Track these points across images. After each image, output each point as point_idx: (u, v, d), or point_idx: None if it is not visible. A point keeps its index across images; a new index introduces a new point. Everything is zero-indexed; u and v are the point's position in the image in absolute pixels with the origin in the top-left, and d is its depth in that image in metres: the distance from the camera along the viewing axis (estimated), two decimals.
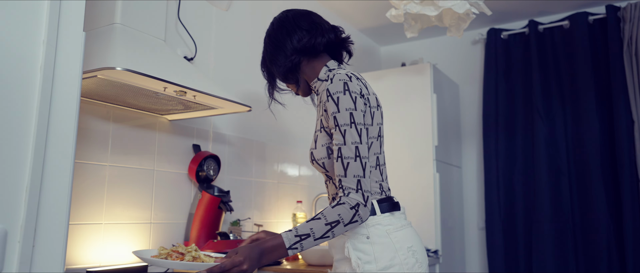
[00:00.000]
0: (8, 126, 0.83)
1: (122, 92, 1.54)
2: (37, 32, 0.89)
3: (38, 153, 0.86)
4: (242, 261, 1.06)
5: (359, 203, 1.10)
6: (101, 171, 1.65)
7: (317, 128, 1.24)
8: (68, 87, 0.93)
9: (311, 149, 1.26)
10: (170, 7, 1.93)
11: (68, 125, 0.93)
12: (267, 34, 1.34)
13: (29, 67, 0.87)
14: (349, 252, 1.17)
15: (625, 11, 2.79)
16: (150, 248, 1.80)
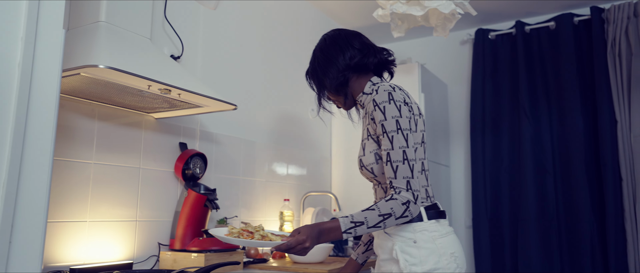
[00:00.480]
0: None
1: (107, 90, 1.54)
2: (15, 29, 0.90)
3: (15, 150, 0.87)
4: (304, 239, 1.17)
5: (410, 200, 1.21)
6: (86, 169, 1.65)
7: (364, 137, 1.37)
8: (47, 84, 0.94)
9: (360, 157, 1.37)
10: (156, 6, 1.93)
11: (47, 122, 0.94)
12: (318, 48, 1.47)
13: (7, 64, 0.88)
14: (397, 254, 1.27)
15: (609, 13, 2.83)
16: (136, 246, 1.81)
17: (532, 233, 2.86)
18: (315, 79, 1.46)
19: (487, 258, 3.00)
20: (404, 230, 1.28)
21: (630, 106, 2.73)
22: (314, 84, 1.47)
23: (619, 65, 2.78)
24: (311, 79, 1.48)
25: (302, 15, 2.94)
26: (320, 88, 1.45)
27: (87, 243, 1.63)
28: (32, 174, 0.90)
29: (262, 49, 2.57)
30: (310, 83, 1.50)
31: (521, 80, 3.04)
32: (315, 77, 1.46)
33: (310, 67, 1.48)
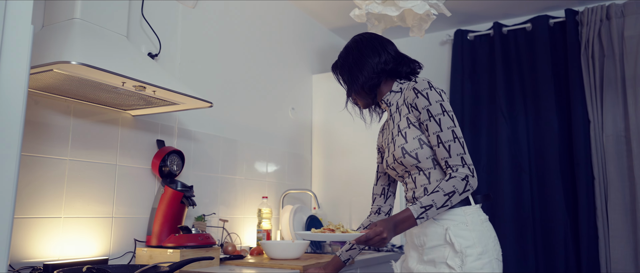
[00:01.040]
0: None
1: (82, 87, 1.55)
2: None
3: None
4: (381, 230, 1.27)
5: (467, 175, 1.32)
6: (61, 166, 1.66)
7: (404, 126, 1.44)
8: (15, 79, 0.95)
9: (401, 145, 1.43)
10: (133, 4, 1.94)
11: (14, 118, 0.95)
12: (354, 46, 1.56)
13: None
14: (450, 237, 1.34)
15: (583, 15, 2.89)
16: (111, 242, 1.82)
17: (507, 230, 2.92)
18: (347, 74, 1.55)
19: None
20: (454, 214, 1.36)
21: (603, 106, 2.80)
22: (344, 78, 1.57)
23: (592, 66, 2.84)
24: (341, 73, 1.58)
25: (283, 14, 2.96)
26: (351, 83, 1.53)
27: (61, 240, 1.64)
28: None
29: (242, 48, 2.59)
30: (338, 77, 1.60)
31: (498, 80, 3.09)
32: (348, 72, 1.54)
33: (342, 62, 1.57)
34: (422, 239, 1.42)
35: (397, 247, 2.70)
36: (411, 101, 1.42)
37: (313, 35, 3.25)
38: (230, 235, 2.31)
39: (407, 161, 1.43)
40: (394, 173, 1.53)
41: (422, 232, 1.42)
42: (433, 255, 1.39)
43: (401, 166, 1.46)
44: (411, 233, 1.48)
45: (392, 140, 1.49)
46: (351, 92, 1.55)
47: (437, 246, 1.38)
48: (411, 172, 1.46)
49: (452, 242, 1.34)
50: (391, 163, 1.49)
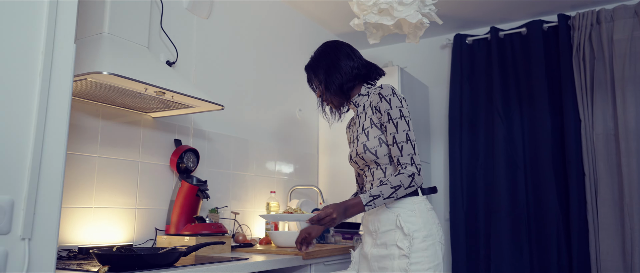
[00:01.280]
0: (14, 119, 1.07)
1: (110, 93, 1.77)
2: (36, 45, 1.13)
3: (38, 141, 1.10)
4: (332, 212, 1.48)
5: (414, 173, 1.51)
6: (91, 162, 1.89)
7: (367, 126, 1.63)
8: (61, 89, 1.17)
9: (363, 142, 1.62)
10: (153, 17, 2.16)
11: (61, 120, 1.17)
12: (326, 51, 1.75)
13: (30, 73, 1.11)
14: (400, 223, 1.53)
15: (575, 20, 3.04)
16: (135, 230, 2.04)
17: (503, 224, 3.08)
18: (324, 75, 1.70)
19: (463, 247, 3.22)
20: (405, 203, 1.56)
21: (593, 106, 2.95)
22: (319, 78, 1.72)
23: (583, 68, 2.99)
24: (316, 74, 1.74)
25: (290, 21, 3.17)
26: (329, 84, 1.69)
27: (92, 227, 1.87)
28: (51, 161, 1.13)
29: (252, 54, 2.80)
30: (311, 76, 1.76)
31: (495, 82, 3.26)
32: (325, 74, 1.70)
33: (317, 63, 1.74)
34: (376, 225, 1.60)
35: None
36: (376, 104, 1.61)
37: (319, 40, 3.43)
38: (241, 226, 2.52)
39: (367, 157, 1.62)
40: (356, 166, 1.73)
41: (377, 219, 1.60)
42: (385, 238, 1.57)
43: (362, 161, 1.65)
44: (367, 221, 1.66)
45: (357, 137, 1.67)
46: (328, 93, 1.71)
47: (389, 230, 1.56)
48: (370, 166, 1.64)
49: (401, 226, 1.52)
50: (354, 157, 1.68)
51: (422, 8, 2.24)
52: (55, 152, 1.14)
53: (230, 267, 1.64)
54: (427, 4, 2.26)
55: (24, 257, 1.06)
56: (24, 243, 1.07)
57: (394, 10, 2.19)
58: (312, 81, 1.77)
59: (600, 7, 3.02)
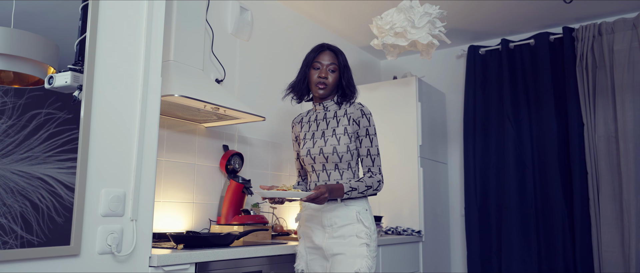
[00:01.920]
0: (126, 134, 1.50)
1: (173, 108, 2.20)
2: (137, 81, 1.55)
3: (139, 149, 1.52)
4: (325, 192, 1.71)
5: (381, 180, 1.87)
6: (160, 164, 2.32)
7: (340, 132, 1.88)
8: (153, 110, 1.59)
9: (333, 145, 1.87)
10: (206, 43, 2.59)
11: (153, 134, 1.59)
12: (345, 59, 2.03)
13: (134, 100, 1.54)
14: (360, 217, 1.83)
15: (578, 32, 3.33)
16: (193, 220, 2.47)
17: (513, 219, 3.39)
18: (344, 67, 1.95)
19: (476, 240, 3.54)
20: (362, 203, 1.86)
21: (595, 111, 3.23)
22: (344, 63, 1.96)
23: (586, 76, 3.28)
24: (344, 61, 1.97)
25: (319, 38, 3.55)
26: (344, 73, 1.95)
27: (159, 217, 2.30)
28: (147, 166, 1.55)
29: (286, 69, 3.20)
30: (340, 58, 1.97)
31: (506, 89, 3.57)
32: (345, 66, 1.96)
33: (345, 58, 1.99)
34: (333, 220, 1.83)
35: (416, 231, 3.23)
36: (356, 118, 1.88)
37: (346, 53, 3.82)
38: (279, 219, 2.93)
39: (332, 158, 1.85)
40: (309, 162, 1.92)
41: (334, 215, 1.83)
42: (343, 231, 1.81)
43: (322, 159, 1.87)
44: (320, 218, 1.86)
45: (323, 137, 1.89)
46: (338, 78, 1.92)
47: (348, 224, 1.82)
48: (326, 166, 1.87)
49: (362, 221, 1.81)
50: (315, 153, 1.89)
51: (433, 30, 2.59)
52: (150, 157, 1.57)
53: (273, 249, 2.04)
54: (437, 26, 2.62)
55: (133, 232, 1.49)
56: (132, 223, 1.50)
57: (407, 33, 2.56)
58: (337, 59, 1.92)
59: (601, 20, 3.31)
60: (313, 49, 1.97)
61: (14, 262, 1.23)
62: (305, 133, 1.99)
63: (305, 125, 2.02)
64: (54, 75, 1.45)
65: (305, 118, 2.05)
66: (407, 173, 3.39)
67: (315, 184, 1.91)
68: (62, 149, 1.37)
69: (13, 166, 1.29)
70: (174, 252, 1.66)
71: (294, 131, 2.09)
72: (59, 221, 1.34)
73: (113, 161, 1.47)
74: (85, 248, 1.38)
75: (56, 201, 1.34)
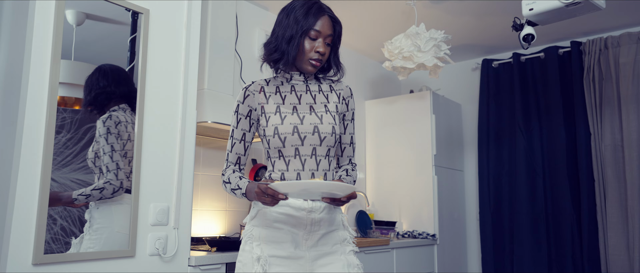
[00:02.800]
0: (168, 154, 1.86)
1: (209, 130, 2.56)
2: (177, 106, 1.91)
3: (179, 167, 1.88)
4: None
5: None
6: (196, 178, 2.69)
7: (332, 110, 1.50)
8: (190, 134, 1.95)
9: (331, 124, 1.47)
10: (235, 70, 2.94)
11: (190, 155, 1.94)
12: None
13: (174, 126, 1.89)
14: (344, 222, 1.53)
15: (585, 46, 3.50)
16: (226, 226, 2.82)
17: (524, 223, 3.59)
18: (339, 42, 1.56)
19: (490, 242, 3.76)
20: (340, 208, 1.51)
21: (602, 121, 3.40)
22: (339, 39, 1.54)
23: (593, 88, 3.45)
24: (340, 33, 1.54)
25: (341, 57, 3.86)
26: (336, 49, 1.57)
27: (196, 222, 2.66)
28: (186, 181, 1.91)
29: None
30: (339, 31, 1.53)
31: (517, 100, 3.77)
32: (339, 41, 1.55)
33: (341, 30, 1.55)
34: (322, 224, 1.45)
35: (431, 235, 3.49)
36: (346, 97, 1.55)
37: (364, 68, 4.13)
38: None
39: (328, 140, 1.44)
40: (293, 142, 1.43)
41: (327, 219, 1.46)
42: (334, 237, 1.48)
43: (315, 141, 1.43)
44: (303, 219, 1.42)
45: (313, 112, 1.47)
46: (332, 52, 1.54)
47: (335, 230, 1.49)
48: (318, 152, 1.44)
49: (346, 226, 1.52)
50: (305, 131, 1.42)
51: (438, 53, 2.85)
52: (188, 177, 1.93)
53: None
54: (442, 49, 2.88)
55: (175, 239, 1.85)
56: (175, 231, 1.85)
57: (414, 57, 2.83)
58: (334, 30, 1.50)
59: (607, 35, 3.47)
60: (308, 10, 1.46)
61: (83, 261, 1.60)
62: (278, 105, 1.48)
63: (274, 95, 1.51)
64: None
65: (271, 86, 1.54)
66: (423, 181, 3.65)
67: (298, 175, 1.43)
68: None
69: (72, 175, 1.66)
70: (208, 254, 2.01)
71: (247, 101, 1.50)
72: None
73: (159, 181, 1.83)
74: (139, 251, 1.75)
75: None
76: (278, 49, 1.47)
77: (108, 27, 1.83)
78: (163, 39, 1.91)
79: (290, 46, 1.45)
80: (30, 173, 1.50)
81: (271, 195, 1.26)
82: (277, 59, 1.48)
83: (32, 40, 1.54)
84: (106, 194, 1.66)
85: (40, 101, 1.55)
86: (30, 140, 1.51)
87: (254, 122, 1.52)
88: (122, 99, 1.74)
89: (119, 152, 1.69)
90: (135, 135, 1.77)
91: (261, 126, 1.49)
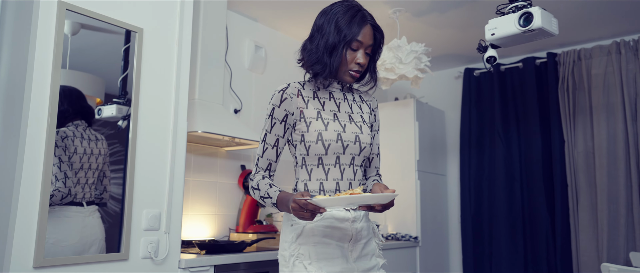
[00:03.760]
0: (161, 165, 1.99)
1: (200, 139, 2.70)
2: (169, 117, 2.05)
3: (170, 175, 2.02)
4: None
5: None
6: (188, 183, 2.82)
7: (367, 120, 1.50)
8: (181, 145, 2.08)
9: (369, 134, 1.46)
10: (225, 80, 3.08)
11: (181, 163, 2.08)
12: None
13: (166, 137, 2.03)
14: (375, 229, 1.51)
15: (560, 57, 3.67)
16: (216, 229, 2.96)
17: (503, 226, 3.76)
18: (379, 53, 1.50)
19: (470, 244, 3.92)
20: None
21: (575, 129, 3.57)
22: (380, 50, 1.49)
23: (567, 97, 3.62)
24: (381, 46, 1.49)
25: None
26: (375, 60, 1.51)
27: (187, 226, 2.80)
28: (177, 188, 2.04)
29: None
30: (381, 42, 1.48)
31: (497, 108, 3.93)
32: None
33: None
34: (362, 233, 1.44)
35: (413, 237, 3.64)
36: (374, 108, 1.54)
37: None
38: None
39: (367, 150, 1.43)
40: (336, 150, 1.38)
41: (364, 227, 1.45)
42: (370, 246, 1.47)
43: (355, 151, 1.40)
44: (349, 230, 1.40)
45: (352, 121, 1.44)
46: (372, 63, 1.48)
47: (371, 237, 1.49)
48: (355, 162, 1.42)
49: (378, 234, 1.52)
50: (348, 140, 1.39)
51: (418, 65, 3.01)
52: (178, 185, 2.06)
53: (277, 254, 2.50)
54: (422, 61, 3.03)
55: (167, 243, 1.98)
56: (166, 235, 1.99)
57: (396, 68, 2.98)
58: (375, 40, 1.44)
59: (581, 47, 3.64)
60: (352, 18, 1.39)
61: (79, 264, 1.74)
62: (319, 111, 1.44)
63: (314, 100, 1.46)
64: (102, 107, 1.95)
65: (308, 90, 1.49)
66: (407, 185, 3.80)
67: (337, 184, 1.40)
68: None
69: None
70: (198, 257, 2.15)
71: (284, 105, 1.45)
72: (105, 227, 1.84)
73: (151, 188, 1.96)
74: (132, 254, 1.88)
75: (102, 209, 1.84)
76: (319, 60, 1.41)
77: (102, 36, 1.95)
78: (156, 55, 2.05)
79: (333, 57, 1.39)
80: (32, 179, 1.63)
81: (311, 210, 1.19)
82: (318, 72, 1.42)
83: (35, 50, 1.67)
84: (55, 200, 1.74)
85: (42, 110, 1.68)
86: (32, 148, 1.64)
87: (289, 127, 1.45)
88: (77, 116, 1.85)
89: (67, 163, 1.79)
90: (129, 145, 1.90)
91: (299, 131, 1.43)
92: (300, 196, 1.21)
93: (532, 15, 1.98)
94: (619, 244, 3.28)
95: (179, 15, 2.14)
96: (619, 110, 3.39)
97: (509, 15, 2.07)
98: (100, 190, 1.87)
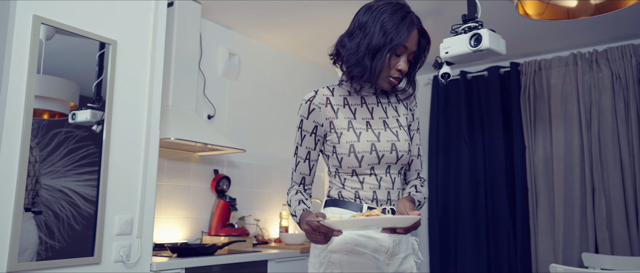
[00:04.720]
0: (133, 172, 2.07)
1: (173, 145, 2.77)
2: (142, 125, 2.12)
3: (143, 181, 2.09)
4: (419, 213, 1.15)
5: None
6: (161, 188, 2.89)
7: (404, 123, 1.38)
8: (153, 152, 2.16)
9: (408, 141, 1.35)
10: (199, 87, 3.16)
11: (153, 170, 2.16)
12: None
13: (139, 146, 2.11)
14: (415, 246, 1.39)
15: (523, 66, 3.86)
16: (188, 232, 3.04)
17: (468, 227, 3.92)
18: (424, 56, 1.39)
19: (437, 245, 4.08)
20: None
21: (535, 135, 3.75)
22: (425, 55, 1.38)
23: (528, 105, 3.80)
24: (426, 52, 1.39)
25: (300, 71, 4.11)
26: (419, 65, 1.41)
27: (160, 229, 2.87)
28: (149, 194, 2.12)
29: (271, 103, 3.76)
30: (426, 47, 1.37)
31: (463, 115, 4.10)
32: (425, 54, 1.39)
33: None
34: (399, 247, 1.34)
35: None
36: (412, 106, 1.41)
37: (320, 78, 4.39)
38: (262, 230, 3.49)
39: (405, 158, 1.34)
40: (371, 161, 1.30)
41: (400, 240, 1.33)
42: (408, 262, 1.36)
43: (392, 160, 1.31)
44: (385, 243, 1.31)
45: (387, 128, 1.34)
46: (415, 68, 1.38)
47: (410, 254, 1.37)
48: (392, 171, 1.33)
49: (417, 251, 1.40)
50: (384, 150, 1.30)
51: None
52: (151, 191, 2.14)
53: (247, 256, 2.60)
54: None
55: (139, 247, 2.06)
56: (138, 239, 2.07)
57: None
58: (419, 44, 1.34)
59: (541, 57, 3.83)
60: (401, 20, 1.27)
61: (53, 268, 1.81)
62: (350, 120, 1.34)
63: (345, 108, 1.36)
64: (76, 112, 2.00)
65: (337, 97, 1.37)
66: None
67: (374, 193, 1.32)
68: (80, 164, 1.92)
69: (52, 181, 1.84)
70: (169, 260, 2.23)
71: (312, 116, 1.35)
72: (77, 228, 1.90)
73: (124, 193, 2.04)
74: (104, 258, 1.95)
75: (75, 210, 1.90)
76: (359, 63, 1.27)
77: (77, 41, 2.00)
78: (130, 64, 2.12)
79: (375, 61, 1.26)
80: (6, 184, 1.70)
81: (324, 233, 1.10)
82: (357, 75, 1.29)
83: (11, 56, 1.74)
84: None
85: (17, 115, 1.74)
86: (7, 154, 1.70)
87: (320, 138, 1.36)
88: None
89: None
90: (103, 151, 1.97)
91: (330, 142, 1.34)
92: (314, 217, 1.12)
93: (481, 37, 2.13)
94: (573, 245, 3.47)
95: (152, 26, 2.22)
96: (575, 119, 3.59)
97: (461, 36, 2.21)
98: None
